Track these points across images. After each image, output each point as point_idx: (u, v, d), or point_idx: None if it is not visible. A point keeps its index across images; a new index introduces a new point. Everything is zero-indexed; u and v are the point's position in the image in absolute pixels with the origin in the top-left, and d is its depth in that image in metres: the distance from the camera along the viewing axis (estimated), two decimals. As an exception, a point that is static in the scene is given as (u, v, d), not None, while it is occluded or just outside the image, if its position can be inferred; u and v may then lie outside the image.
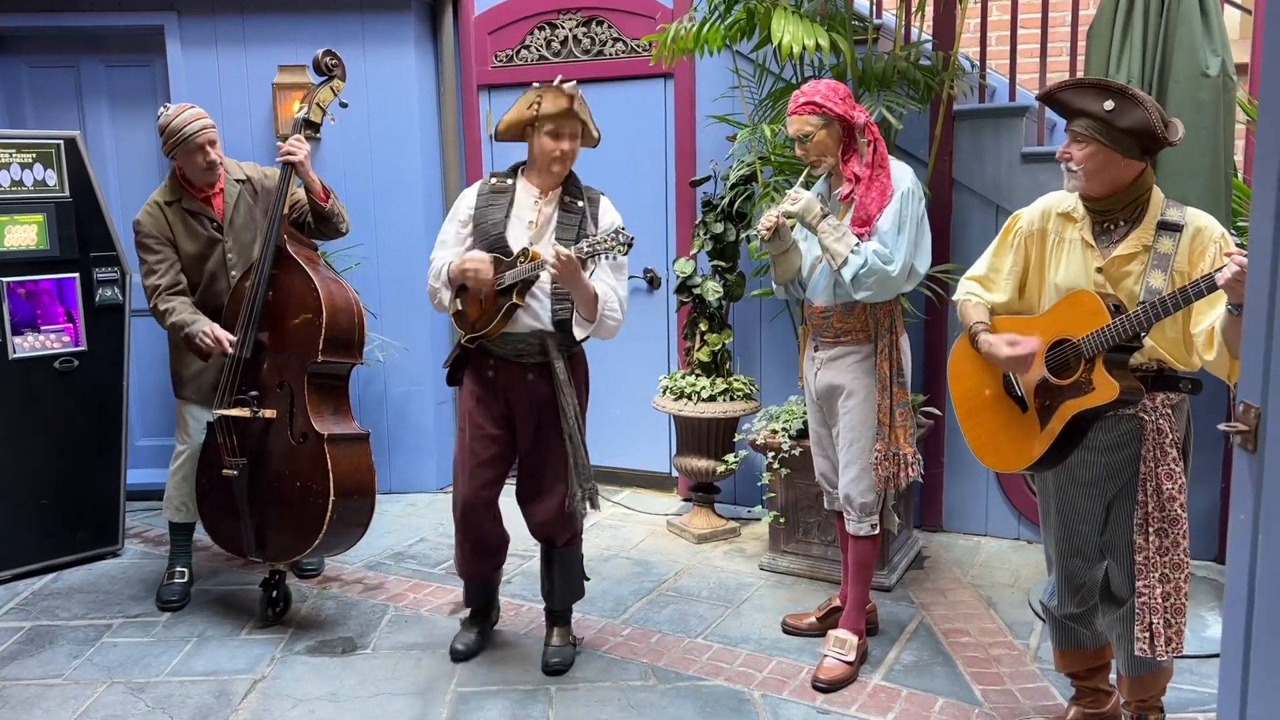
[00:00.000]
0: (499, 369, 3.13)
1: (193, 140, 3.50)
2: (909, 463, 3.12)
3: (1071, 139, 2.36)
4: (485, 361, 3.15)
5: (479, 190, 3.20)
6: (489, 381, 3.15)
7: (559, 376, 3.07)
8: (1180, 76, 3.17)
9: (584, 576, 3.39)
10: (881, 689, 3.10)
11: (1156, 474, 2.37)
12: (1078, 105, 2.34)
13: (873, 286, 2.96)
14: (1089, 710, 2.78)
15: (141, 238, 3.59)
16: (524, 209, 3.14)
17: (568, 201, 3.14)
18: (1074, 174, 2.38)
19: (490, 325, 3.04)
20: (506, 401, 3.16)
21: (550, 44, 4.94)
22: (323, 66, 3.56)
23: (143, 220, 3.60)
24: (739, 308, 4.66)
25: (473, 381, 3.19)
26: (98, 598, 3.89)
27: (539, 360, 3.10)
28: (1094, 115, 2.30)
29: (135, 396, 4.87)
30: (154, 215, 3.60)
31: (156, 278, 3.57)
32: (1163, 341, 2.35)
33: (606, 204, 3.24)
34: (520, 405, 3.15)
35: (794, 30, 3.51)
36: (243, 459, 3.46)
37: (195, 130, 3.50)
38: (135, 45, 4.88)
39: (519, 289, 3.02)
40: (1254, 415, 1.45)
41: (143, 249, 3.60)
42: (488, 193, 3.17)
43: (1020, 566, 4.03)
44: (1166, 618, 2.39)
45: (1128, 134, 2.28)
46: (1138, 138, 2.29)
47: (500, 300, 3.03)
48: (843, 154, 3.05)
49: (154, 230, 3.59)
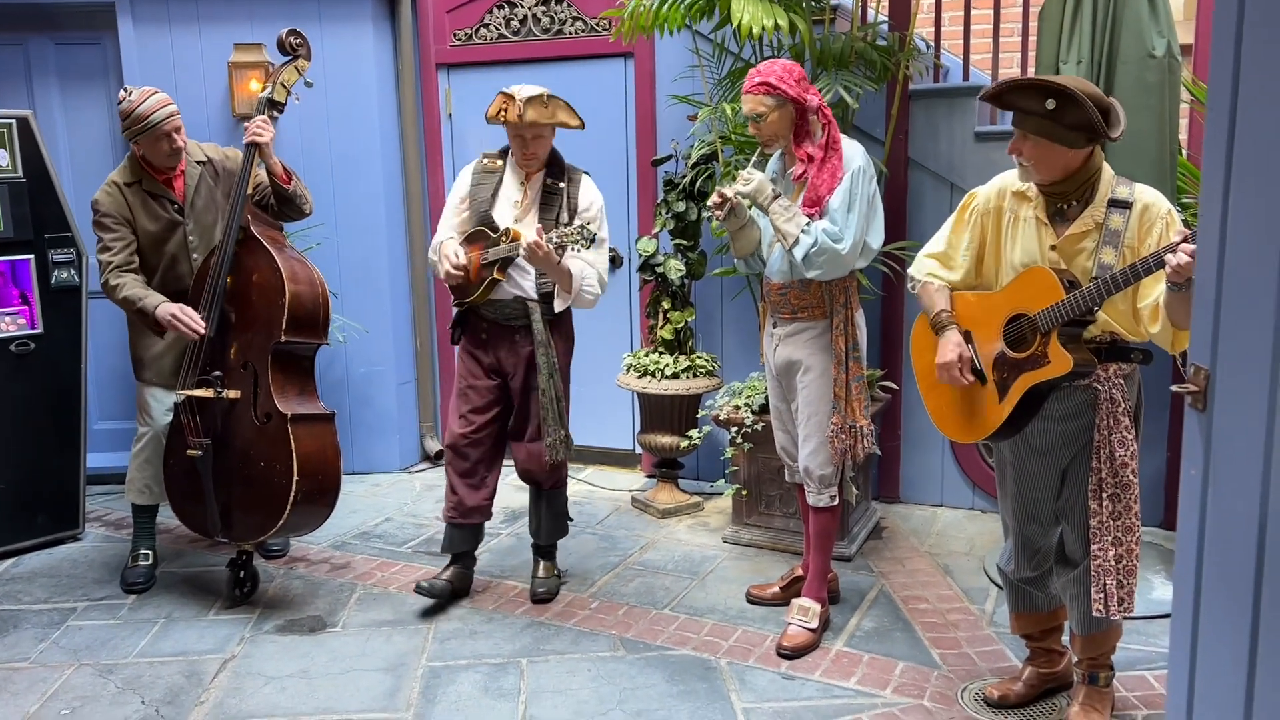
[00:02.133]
0: (490, 331, 3.47)
1: (159, 128, 3.46)
2: (865, 435, 3.19)
3: (1020, 136, 2.43)
4: (479, 324, 3.49)
5: (474, 169, 3.52)
6: (482, 342, 3.49)
7: (538, 336, 3.35)
8: (1128, 58, 3.26)
9: (568, 517, 3.76)
10: (844, 655, 3.19)
11: (1110, 442, 2.46)
12: (1021, 105, 2.39)
13: (823, 265, 3.02)
14: (1043, 670, 2.88)
15: (100, 216, 3.55)
16: (511, 188, 3.44)
17: (549, 184, 3.43)
18: (1025, 168, 2.46)
19: (475, 295, 3.36)
20: (497, 358, 3.49)
21: (509, 23, 4.94)
22: (287, 46, 3.54)
23: (101, 199, 3.55)
24: (701, 286, 4.72)
25: (469, 341, 3.53)
26: (60, 581, 3.86)
27: (524, 323, 3.42)
28: (1038, 114, 2.36)
29: (94, 379, 4.81)
30: (112, 195, 3.56)
31: (110, 255, 3.54)
32: (1115, 314, 2.45)
33: (587, 183, 3.50)
34: (507, 360, 3.48)
35: (753, 10, 3.55)
36: (207, 439, 3.45)
37: (161, 119, 3.46)
38: (85, 23, 4.79)
39: (499, 265, 3.31)
40: (1203, 376, 1.53)
41: (100, 227, 3.56)
42: (480, 172, 3.49)
43: (975, 535, 4.15)
44: (1119, 579, 2.49)
45: (1072, 129, 2.35)
46: (1082, 130, 2.36)
47: (483, 273, 3.34)
48: (795, 135, 3.09)
49: (112, 210, 3.55)
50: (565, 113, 3.33)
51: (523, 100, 3.22)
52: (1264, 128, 1.39)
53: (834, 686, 2.99)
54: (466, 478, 3.55)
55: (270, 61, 4.67)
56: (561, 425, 3.42)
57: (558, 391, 3.41)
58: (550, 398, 3.39)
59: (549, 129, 3.34)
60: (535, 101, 3.24)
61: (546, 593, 3.62)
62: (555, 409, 3.40)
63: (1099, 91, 2.39)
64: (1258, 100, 1.40)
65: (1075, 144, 2.37)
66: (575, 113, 3.35)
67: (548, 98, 3.27)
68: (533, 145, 3.33)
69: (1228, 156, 1.45)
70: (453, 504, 3.56)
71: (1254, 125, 1.41)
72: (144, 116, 3.44)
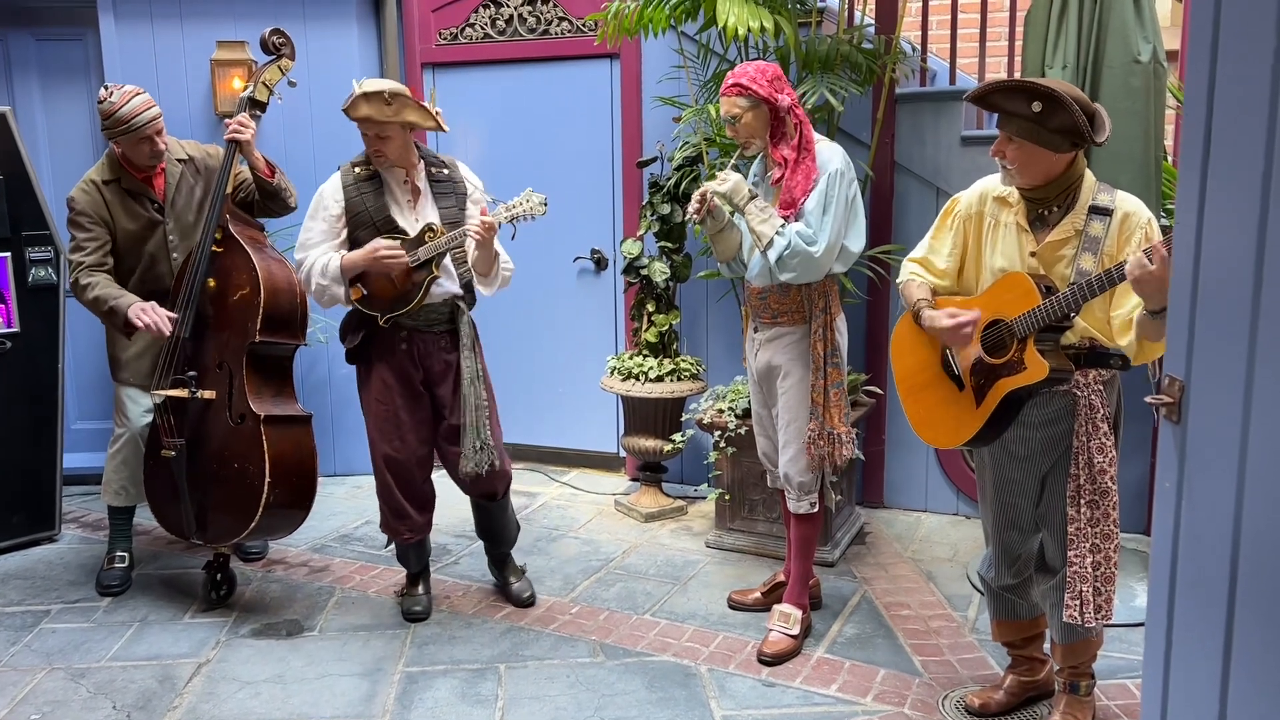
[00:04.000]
0: (412, 340, 3.30)
1: (141, 131, 3.41)
2: (843, 441, 3.17)
3: (1004, 138, 2.42)
4: (396, 336, 3.29)
5: (342, 182, 3.27)
6: (404, 354, 3.31)
7: (464, 340, 3.29)
8: (1113, 63, 3.25)
9: (515, 521, 3.68)
10: (825, 661, 3.17)
11: (1088, 448, 2.45)
12: (1006, 107, 2.38)
13: (796, 268, 3.00)
14: (1024, 678, 2.87)
15: (75, 215, 3.49)
16: (396, 188, 3.29)
17: (434, 172, 3.33)
18: (1009, 171, 2.44)
19: (414, 302, 3.22)
20: (424, 369, 3.34)
21: (495, 22, 4.91)
22: (270, 45, 3.51)
23: (77, 197, 3.50)
24: (686, 288, 4.69)
25: (386, 357, 3.31)
26: (35, 583, 3.81)
27: (447, 327, 3.32)
28: (1023, 116, 2.35)
29: (71, 379, 4.77)
30: (89, 194, 3.50)
31: (83, 254, 3.48)
32: (1093, 320, 2.43)
33: (464, 167, 3.44)
34: (436, 370, 3.34)
35: (738, 12, 3.53)
36: (181, 440, 3.41)
37: (143, 122, 3.40)
38: (66, 19, 4.75)
39: (436, 261, 3.20)
40: (1178, 388, 1.51)
41: (74, 225, 3.50)
42: (354, 182, 3.26)
43: (959, 541, 4.13)
44: (1096, 586, 2.47)
45: (1056, 132, 2.34)
46: (1066, 134, 2.34)
47: (417, 276, 3.20)
48: (771, 137, 3.06)
49: (88, 209, 3.49)
50: (414, 113, 3.16)
51: (359, 94, 3.08)
52: (1239, 137, 1.37)
53: (814, 694, 2.97)
54: (414, 499, 3.42)
55: (254, 59, 4.64)
56: (478, 435, 3.29)
57: (480, 399, 3.30)
58: (471, 406, 3.27)
59: (394, 127, 3.14)
60: (375, 98, 3.08)
61: (531, 596, 3.59)
62: (474, 419, 3.28)
63: (1085, 96, 2.37)
64: (1233, 110, 1.39)
65: (1059, 148, 2.36)
66: (428, 112, 3.19)
67: (391, 95, 3.09)
68: (377, 143, 3.16)
69: (1203, 165, 1.44)
70: (407, 526, 3.44)
71: (1229, 134, 1.39)
72: (126, 119, 3.38)
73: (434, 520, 3.56)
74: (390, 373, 3.31)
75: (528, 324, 5.12)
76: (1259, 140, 1.32)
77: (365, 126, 3.15)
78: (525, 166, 4.93)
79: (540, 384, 5.15)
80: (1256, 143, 1.33)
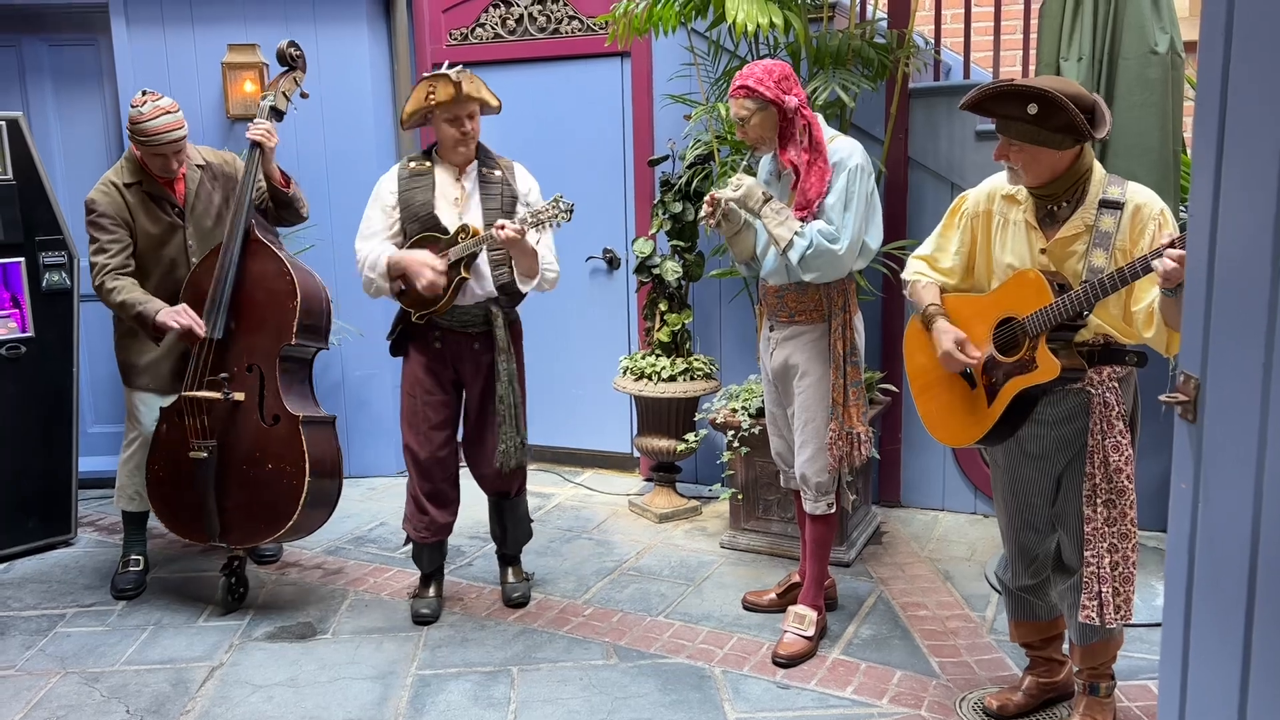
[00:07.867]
0: (445, 340, 3.35)
1: (160, 149, 3.40)
2: (863, 441, 3.14)
3: (1005, 142, 2.38)
4: (431, 334, 3.35)
5: (398, 175, 3.35)
6: (437, 352, 3.36)
7: (500, 343, 3.29)
8: (1129, 54, 3.20)
9: (530, 521, 3.71)
10: (840, 663, 3.14)
11: (1104, 446, 2.40)
12: (1002, 112, 2.34)
13: (821, 267, 2.96)
14: (1043, 679, 2.83)
15: (95, 216, 3.46)
16: (446, 186, 3.33)
17: (485, 173, 3.35)
18: (1014, 171, 2.41)
19: (442, 301, 3.24)
20: (455, 369, 3.39)
21: (505, 22, 4.90)
22: (287, 58, 3.57)
23: (97, 199, 3.47)
24: (698, 287, 4.67)
25: (420, 353, 3.38)
26: (50, 587, 3.83)
27: (483, 329, 3.33)
28: (1020, 119, 2.31)
29: (87, 383, 4.79)
30: (110, 195, 3.48)
31: (106, 257, 3.45)
32: (1107, 317, 2.39)
33: (521, 170, 3.47)
34: (467, 370, 3.39)
35: (748, 8, 3.50)
36: (212, 441, 3.41)
37: (164, 141, 3.38)
38: (79, 24, 4.77)
39: (465, 263, 3.21)
40: (1193, 386, 1.48)
41: (95, 227, 3.46)
42: (408, 176, 3.33)
43: (976, 540, 4.09)
44: (1115, 586, 2.43)
45: (1056, 131, 2.29)
46: (1067, 132, 2.30)
47: (449, 275, 3.21)
48: (780, 138, 3.01)
49: (109, 210, 3.46)
50: (487, 91, 3.27)
51: (455, 75, 3.15)
52: (1254, 133, 1.34)
53: (830, 696, 2.94)
54: (436, 497, 3.46)
55: (265, 62, 4.65)
56: (518, 432, 3.35)
57: (516, 399, 3.34)
58: (509, 405, 3.31)
59: (479, 105, 3.26)
60: (465, 75, 3.18)
61: (521, 597, 3.58)
62: (513, 416, 3.32)
63: (1081, 90, 2.32)
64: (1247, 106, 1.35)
65: (1061, 145, 2.32)
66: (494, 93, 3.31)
67: (458, 74, 3.19)
68: (470, 124, 3.23)
69: (1217, 161, 1.40)
70: (425, 524, 3.46)
71: (1243, 130, 1.36)
72: (148, 134, 3.36)
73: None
74: (422, 369, 3.37)
75: (540, 324, 5.10)
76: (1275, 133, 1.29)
77: (462, 107, 3.19)
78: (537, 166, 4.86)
79: (553, 384, 5.13)
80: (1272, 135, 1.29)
